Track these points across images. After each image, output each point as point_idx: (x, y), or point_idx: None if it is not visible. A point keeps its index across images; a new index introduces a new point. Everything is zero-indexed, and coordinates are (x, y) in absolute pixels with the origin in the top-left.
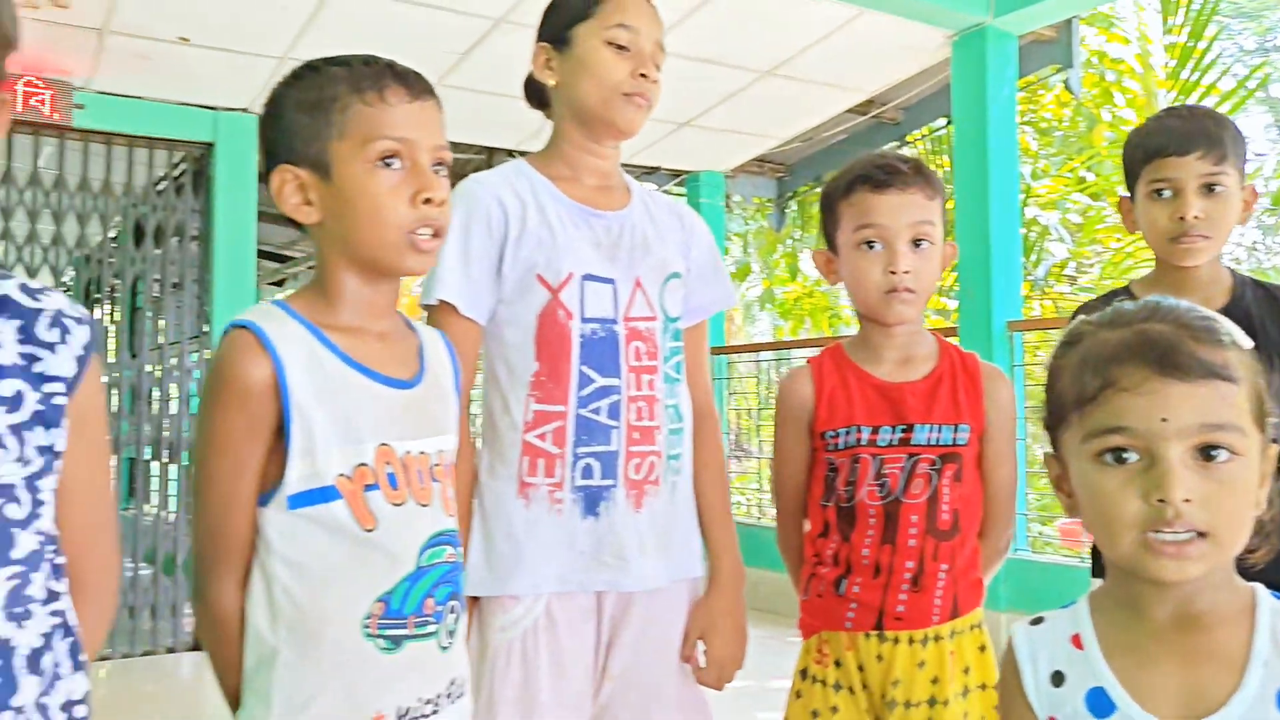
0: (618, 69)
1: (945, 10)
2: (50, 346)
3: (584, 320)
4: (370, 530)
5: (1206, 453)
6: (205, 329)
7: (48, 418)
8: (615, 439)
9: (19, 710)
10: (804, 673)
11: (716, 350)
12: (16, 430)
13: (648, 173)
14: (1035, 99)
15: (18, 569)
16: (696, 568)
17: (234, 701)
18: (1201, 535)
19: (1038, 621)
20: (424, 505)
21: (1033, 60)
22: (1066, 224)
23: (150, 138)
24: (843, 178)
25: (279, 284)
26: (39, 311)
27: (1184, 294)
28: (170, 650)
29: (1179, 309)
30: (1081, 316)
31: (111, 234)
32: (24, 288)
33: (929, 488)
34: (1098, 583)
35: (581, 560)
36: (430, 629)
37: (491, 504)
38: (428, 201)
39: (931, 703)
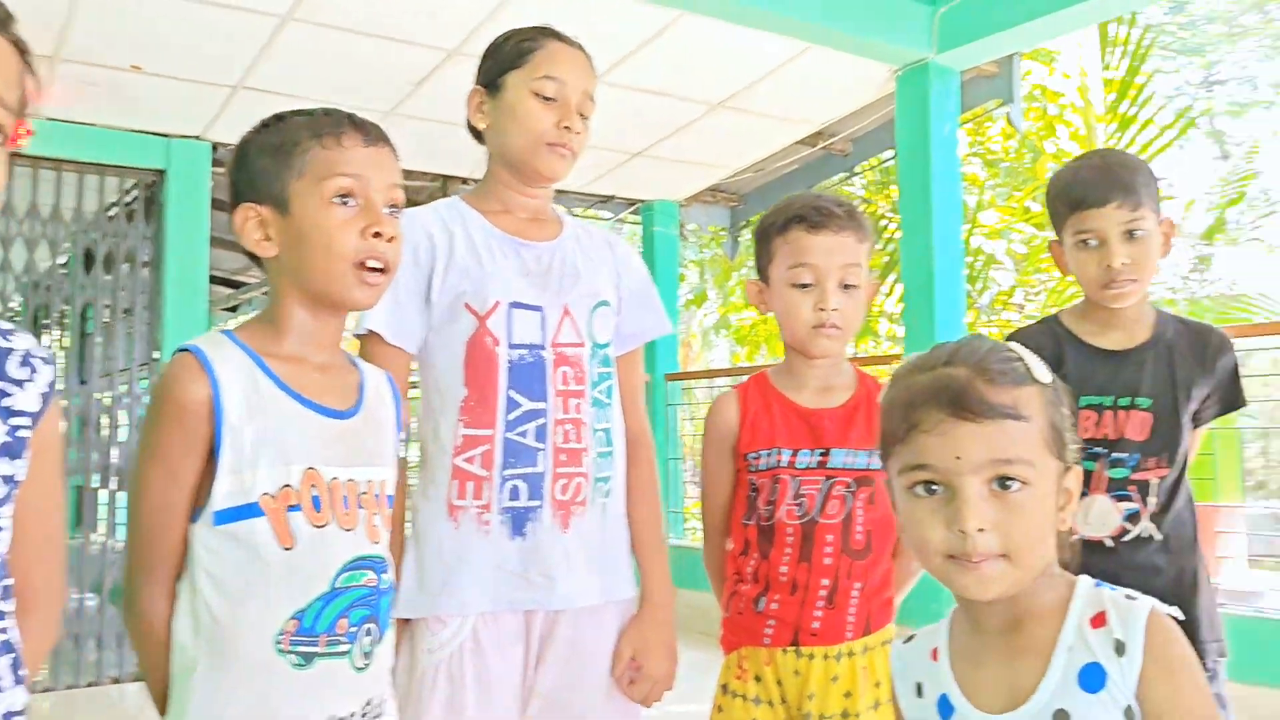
0: (543, 119)
1: (889, 46)
2: (19, 383)
3: (511, 346)
4: (289, 549)
5: (1002, 483)
6: (155, 355)
7: (13, 449)
8: (541, 461)
9: None
10: (725, 688)
11: (672, 376)
12: None
13: (602, 201)
14: (982, 130)
15: None
16: (627, 589)
17: (162, 708)
18: (999, 557)
19: (910, 639)
20: (347, 530)
21: (976, 94)
22: (1012, 253)
23: (101, 164)
24: (779, 214)
25: (233, 309)
26: (9, 351)
27: (1111, 330)
28: (116, 681)
29: (980, 350)
30: (910, 356)
31: (61, 260)
32: None
33: (844, 509)
34: None
35: (509, 580)
36: (342, 649)
37: (423, 527)
38: (376, 235)
39: (844, 715)
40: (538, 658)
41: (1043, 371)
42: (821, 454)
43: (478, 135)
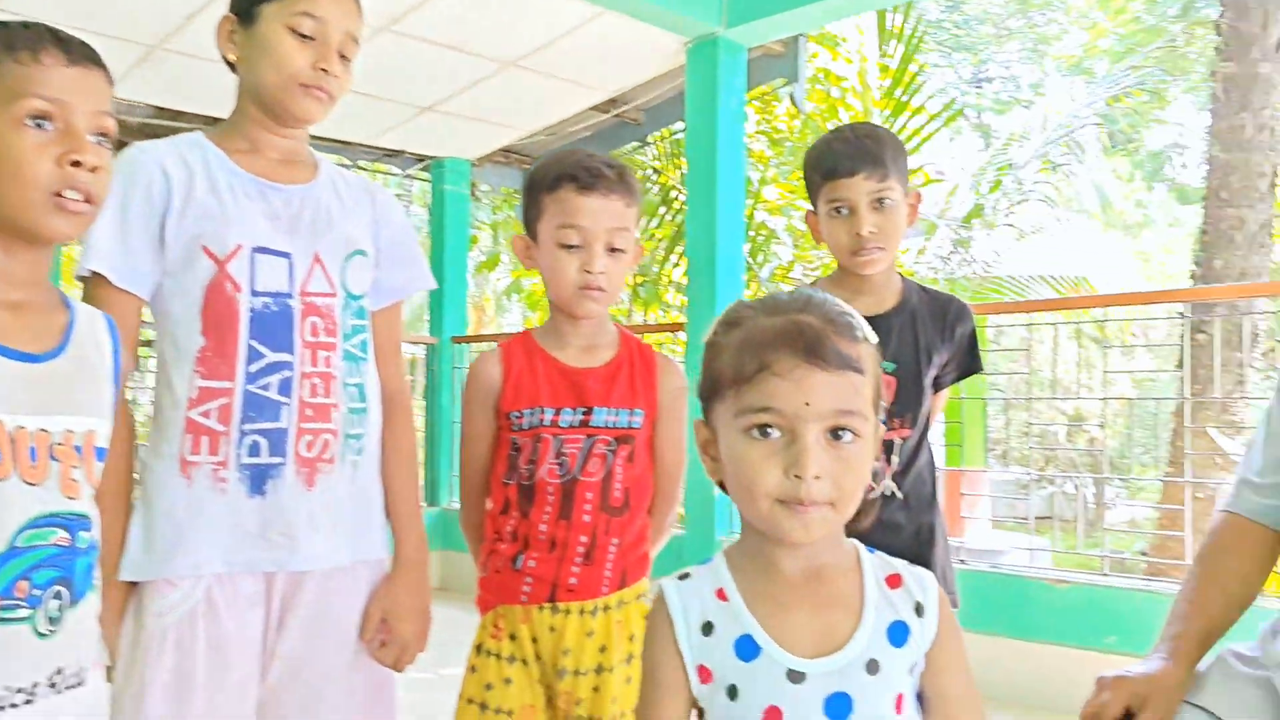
0: (297, 58)
1: (680, 17)
2: None
3: (254, 294)
4: None
5: (836, 434)
6: None
7: None
8: (285, 416)
9: None
10: (479, 648)
11: (458, 339)
12: None
13: (390, 155)
14: (769, 109)
15: None
16: (379, 549)
17: None
18: (827, 504)
19: (685, 576)
20: (31, 484)
21: (763, 72)
22: (792, 230)
23: None
24: (549, 170)
25: None
26: None
27: (862, 295)
28: None
29: (826, 304)
30: (741, 300)
31: None
32: None
33: (604, 467)
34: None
35: (247, 540)
36: (21, 614)
37: (153, 486)
38: (77, 165)
39: (599, 670)
40: (279, 621)
41: (870, 331)
42: (584, 413)
43: (233, 67)
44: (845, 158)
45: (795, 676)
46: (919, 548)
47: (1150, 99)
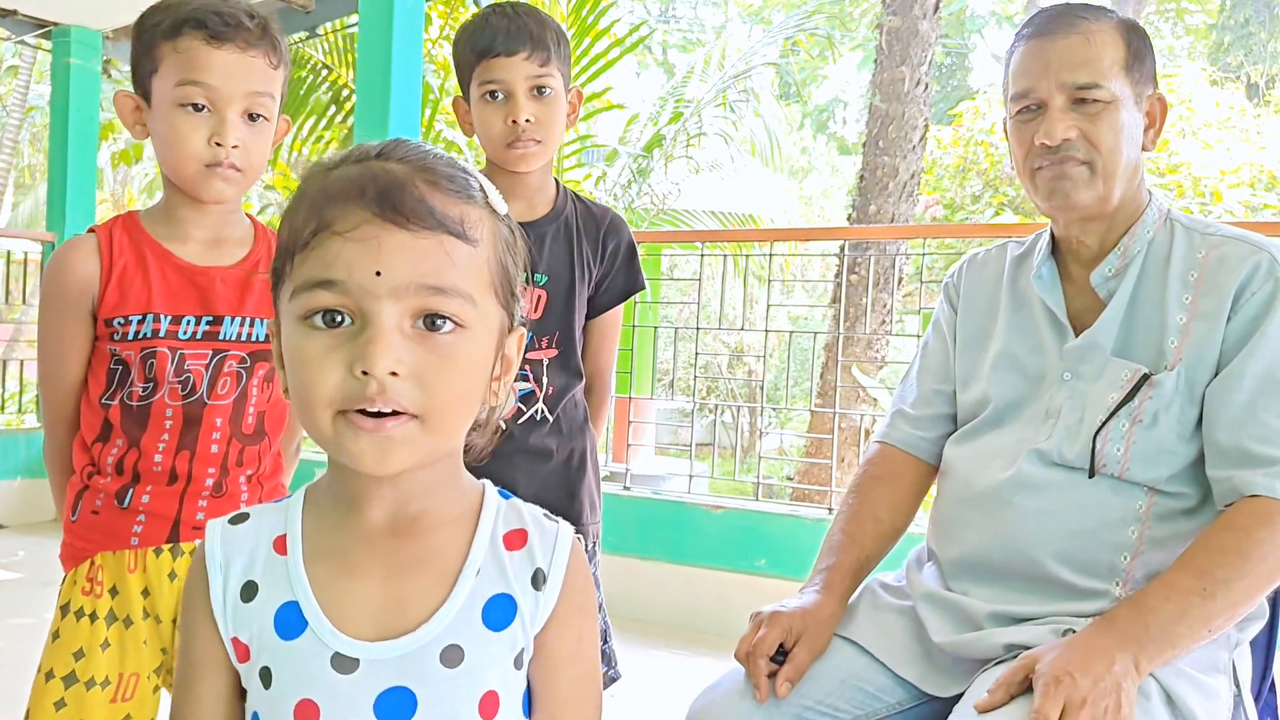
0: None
1: None
2: None
3: None
4: None
5: (430, 321)
6: None
7: None
8: None
9: None
10: (66, 608)
11: None
12: None
13: (1, 16)
14: (455, 14)
15: None
16: None
17: None
18: (412, 416)
19: (241, 519)
20: None
21: None
22: (474, 145)
23: None
24: (169, 13)
25: None
26: None
27: (513, 198)
28: None
29: (427, 152)
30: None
31: None
32: None
33: (238, 388)
34: None
35: None
36: None
37: None
38: None
39: None
40: None
41: (498, 200)
42: (210, 322)
43: None
44: (504, 34)
45: (344, 664)
46: (569, 475)
47: (820, 53)
